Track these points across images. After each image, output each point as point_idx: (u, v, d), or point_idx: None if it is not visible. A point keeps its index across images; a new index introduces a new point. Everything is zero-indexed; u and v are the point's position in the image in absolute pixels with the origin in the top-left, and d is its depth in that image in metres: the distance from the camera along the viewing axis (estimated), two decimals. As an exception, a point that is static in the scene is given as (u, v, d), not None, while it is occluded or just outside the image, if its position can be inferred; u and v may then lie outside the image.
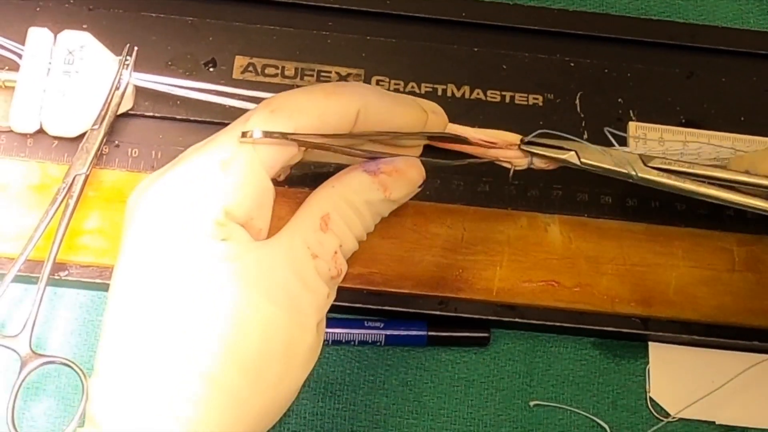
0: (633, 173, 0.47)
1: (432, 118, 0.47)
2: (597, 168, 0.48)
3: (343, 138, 0.44)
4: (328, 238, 0.43)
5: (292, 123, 0.42)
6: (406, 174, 0.46)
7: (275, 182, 0.43)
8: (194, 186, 0.42)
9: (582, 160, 0.48)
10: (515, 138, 0.49)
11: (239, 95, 0.53)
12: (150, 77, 0.53)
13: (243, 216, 0.42)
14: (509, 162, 0.49)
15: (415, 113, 0.46)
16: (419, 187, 0.47)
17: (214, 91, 0.53)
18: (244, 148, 0.42)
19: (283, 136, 0.42)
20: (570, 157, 0.48)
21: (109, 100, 0.52)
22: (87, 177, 0.50)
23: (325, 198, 0.44)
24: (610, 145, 0.50)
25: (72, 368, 0.47)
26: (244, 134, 0.42)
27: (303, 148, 0.43)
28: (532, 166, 0.50)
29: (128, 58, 0.53)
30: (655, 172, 0.47)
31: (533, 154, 0.49)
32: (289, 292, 0.41)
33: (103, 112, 0.52)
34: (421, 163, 0.47)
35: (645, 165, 0.47)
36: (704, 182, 0.48)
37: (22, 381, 0.47)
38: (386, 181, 0.45)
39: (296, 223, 0.43)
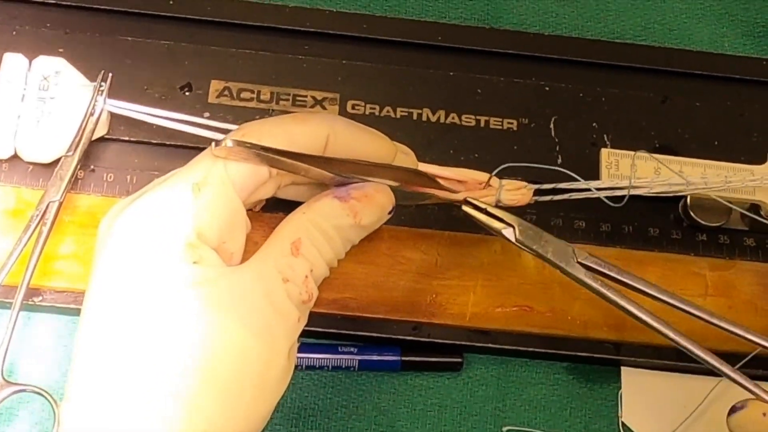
0: (562, 265, 0.48)
1: (401, 157, 0.48)
2: (530, 250, 0.48)
3: (314, 162, 0.44)
4: (299, 262, 0.43)
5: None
6: (376, 199, 0.46)
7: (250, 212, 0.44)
8: (166, 208, 0.42)
9: (517, 237, 0.48)
10: (483, 176, 0.50)
11: (209, 126, 0.54)
12: (124, 104, 0.53)
13: (215, 239, 0.42)
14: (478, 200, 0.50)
15: (384, 144, 0.47)
16: (389, 213, 0.47)
17: (185, 121, 0.53)
18: (216, 170, 0.42)
19: (255, 147, 0.42)
20: (507, 233, 0.48)
21: (83, 127, 0.52)
22: (61, 204, 0.51)
23: (296, 223, 0.45)
24: (585, 173, 0.51)
25: (44, 396, 0.47)
26: (217, 143, 0.42)
27: (275, 173, 0.44)
28: (499, 204, 0.51)
29: (103, 84, 0.53)
30: (583, 271, 0.48)
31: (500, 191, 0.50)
32: (261, 317, 0.42)
33: (77, 138, 0.52)
34: (390, 189, 0.47)
35: (576, 261, 0.48)
36: (632, 294, 0.48)
37: (-5, 409, 0.47)
38: (356, 206, 0.46)
39: (267, 248, 0.44)
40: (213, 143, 0.42)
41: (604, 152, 0.55)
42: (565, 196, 0.53)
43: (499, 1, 0.62)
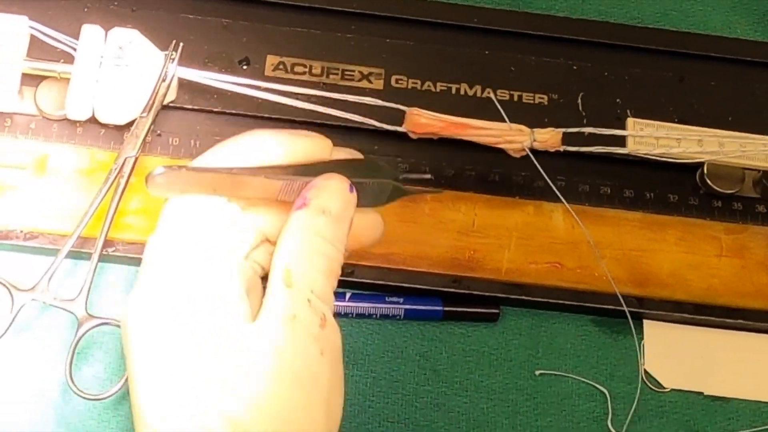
0: None
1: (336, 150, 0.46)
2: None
3: (253, 172, 0.42)
4: (294, 293, 0.41)
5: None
6: (328, 186, 0.43)
7: None
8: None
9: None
10: (519, 126, 0.57)
11: (272, 89, 0.58)
12: (193, 71, 0.58)
13: None
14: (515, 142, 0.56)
15: (318, 141, 0.44)
16: (351, 192, 0.43)
17: (250, 85, 0.58)
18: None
19: (184, 168, 0.41)
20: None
21: (156, 91, 0.56)
22: (136, 159, 0.55)
23: (279, 253, 0.41)
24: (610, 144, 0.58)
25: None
26: (147, 177, 0.40)
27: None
28: (534, 146, 0.57)
29: (174, 52, 0.57)
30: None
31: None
32: (292, 370, 0.40)
33: (150, 102, 0.56)
34: (341, 176, 0.43)
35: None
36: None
37: (79, 340, 0.52)
38: (318, 203, 0.42)
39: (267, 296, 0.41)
40: (145, 178, 0.40)
41: (630, 121, 0.60)
42: (592, 148, 0.58)
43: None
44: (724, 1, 0.68)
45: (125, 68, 0.57)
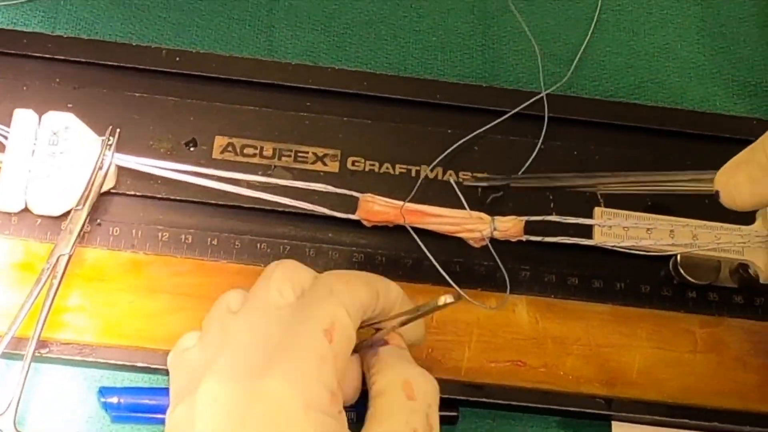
0: None
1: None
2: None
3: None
4: (418, 406, 0.46)
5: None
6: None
7: None
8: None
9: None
10: (479, 214, 0.55)
11: (214, 176, 0.55)
12: (132, 158, 0.55)
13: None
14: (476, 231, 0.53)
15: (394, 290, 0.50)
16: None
17: (192, 172, 0.55)
18: (341, 314, 0.45)
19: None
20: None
21: (92, 180, 0.53)
22: (70, 257, 0.52)
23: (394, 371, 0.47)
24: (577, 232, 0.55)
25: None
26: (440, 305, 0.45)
27: None
28: (494, 236, 0.54)
29: (111, 138, 0.54)
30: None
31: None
32: None
33: (86, 192, 0.53)
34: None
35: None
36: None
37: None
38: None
39: (390, 402, 0.46)
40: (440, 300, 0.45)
41: (597, 211, 0.57)
42: (556, 238, 0.55)
43: (497, 59, 0.63)
44: (702, 71, 0.64)
45: (60, 155, 0.54)
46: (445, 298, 0.45)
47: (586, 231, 0.56)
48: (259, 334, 0.45)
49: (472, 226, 0.55)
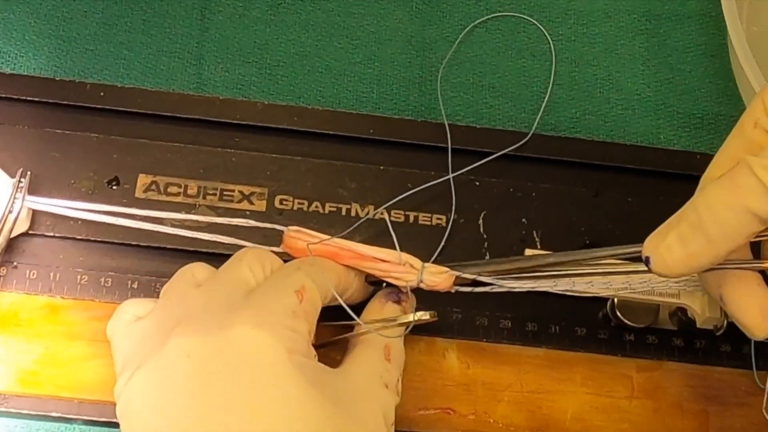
0: None
1: None
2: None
3: None
4: (393, 368, 0.48)
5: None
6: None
7: None
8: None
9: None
10: (409, 257, 0.51)
11: (135, 216, 0.53)
12: (45, 200, 0.53)
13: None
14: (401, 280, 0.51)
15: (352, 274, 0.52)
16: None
17: (108, 212, 0.53)
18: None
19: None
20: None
21: (1, 225, 0.52)
22: (-23, 306, 0.50)
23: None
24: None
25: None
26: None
27: None
28: (421, 286, 0.51)
29: (22, 180, 0.53)
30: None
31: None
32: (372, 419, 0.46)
33: (-4, 237, 0.51)
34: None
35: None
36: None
37: None
38: (406, 307, 0.52)
39: (365, 355, 0.49)
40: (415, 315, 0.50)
41: (528, 252, 0.55)
42: (487, 288, 0.52)
43: (433, 94, 0.61)
44: (645, 104, 0.62)
45: (-31, 200, 0.52)
46: (421, 314, 0.50)
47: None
48: (225, 302, 0.45)
49: (399, 275, 0.53)
